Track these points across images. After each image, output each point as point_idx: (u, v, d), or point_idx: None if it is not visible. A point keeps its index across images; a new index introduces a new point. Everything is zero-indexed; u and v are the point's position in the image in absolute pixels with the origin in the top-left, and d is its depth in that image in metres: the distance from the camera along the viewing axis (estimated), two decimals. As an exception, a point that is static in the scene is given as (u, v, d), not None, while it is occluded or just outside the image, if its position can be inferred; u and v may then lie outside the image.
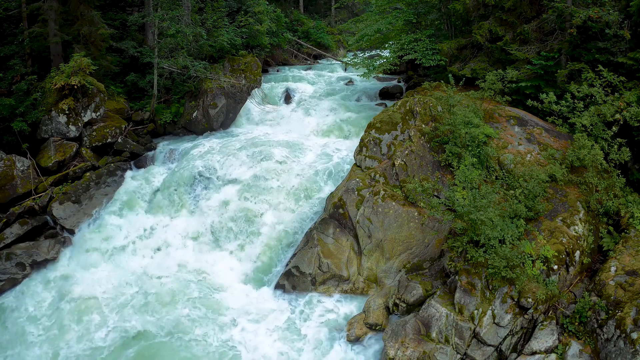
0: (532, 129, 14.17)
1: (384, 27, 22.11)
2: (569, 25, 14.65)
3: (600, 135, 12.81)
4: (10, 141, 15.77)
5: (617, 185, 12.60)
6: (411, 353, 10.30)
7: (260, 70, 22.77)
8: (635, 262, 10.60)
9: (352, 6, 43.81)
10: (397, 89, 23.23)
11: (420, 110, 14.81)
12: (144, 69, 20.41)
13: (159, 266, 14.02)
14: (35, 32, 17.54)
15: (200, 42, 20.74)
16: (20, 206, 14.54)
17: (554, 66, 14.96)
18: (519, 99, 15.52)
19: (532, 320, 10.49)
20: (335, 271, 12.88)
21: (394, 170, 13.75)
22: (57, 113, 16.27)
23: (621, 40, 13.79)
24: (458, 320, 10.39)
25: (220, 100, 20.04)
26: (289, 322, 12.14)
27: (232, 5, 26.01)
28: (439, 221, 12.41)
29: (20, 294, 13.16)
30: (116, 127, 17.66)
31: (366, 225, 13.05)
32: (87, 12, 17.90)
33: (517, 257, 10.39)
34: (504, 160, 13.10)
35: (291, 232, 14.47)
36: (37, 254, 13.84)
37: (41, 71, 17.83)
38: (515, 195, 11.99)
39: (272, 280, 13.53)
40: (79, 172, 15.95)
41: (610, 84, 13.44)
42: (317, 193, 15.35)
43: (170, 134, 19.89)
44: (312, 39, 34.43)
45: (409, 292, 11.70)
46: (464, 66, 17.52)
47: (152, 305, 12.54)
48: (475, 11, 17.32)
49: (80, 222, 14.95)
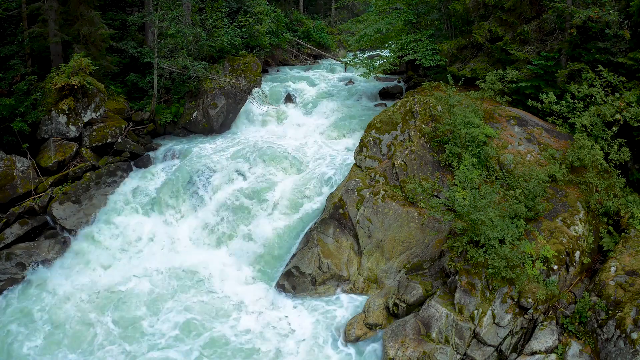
0: (532, 129, 14.17)
1: (384, 27, 22.12)
2: (569, 25, 14.65)
3: (600, 135, 12.81)
4: (10, 141, 15.77)
5: (617, 185, 12.60)
6: (411, 353, 10.30)
7: (260, 70, 22.76)
8: (635, 262, 10.60)
9: (352, 6, 43.81)
10: (397, 89, 23.23)
11: (420, 110, 14.81)
12: (144, 69, 20.41)
13: (158, 266, 14.00)
14: (35, 32, 17.54)
15: (200, 42, 20.74)
16: (20, 206, 14.54)
17: (554, 66, 14.96)
18: (519, 99, 15.52)
19: (532, 321, 10.49)
20: (335, 271, 12.88)
21: (394, 171, 13.75)
22: (57, 113, 16.27)
23: (621, 40, 13.79)
24: (458, 321, 10.39)
25: (220, 101, 20.04)
26: (288, 322, 12.14)
27: (232, 6, 26.00)
28: (439, 221, 12.41)
29: (20, 294, 13.17)
30: (116, 127, 17.66)
31: (366, 225, 13.05)
32: (87, 12, 17.90)
33: (517, 257, 10.39)
34: (504, 161, 13.10)
35: (291, 232, 14.46)
36: (37, 254, 13.84)
37: (41, 71, 17.82)
38: (515, 195, 11.99)
39: (272, 280, 13.53)
40: (79, 172, 15.95)
41: (610, 84, 13.44)
42: (316, 193, 15.35)
43: (170, 134, 19.88)
44: (312, 39, 34.43)
45: (409, 292, 11.69)
46: (464, 66, 17.52)
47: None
48: (475, 11, 17.32)
49: (81, 222, 14.94)
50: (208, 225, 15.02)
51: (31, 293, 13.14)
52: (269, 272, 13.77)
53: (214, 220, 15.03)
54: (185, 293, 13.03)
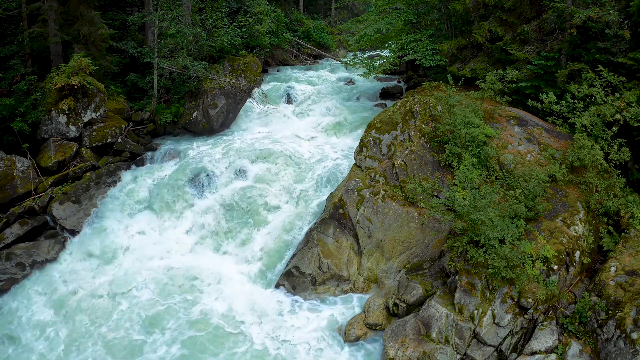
0: (532, 129, 14.17)
1: (384, 27, 22.13)
2: (569, 25, 14.65)
3: (600, 135, 12.81)
4: (10, 141, 15.76)
5: (617, 185, 12.60)
6: (411, 353, 10.30)
7: (260, 70, 22.77)
8: (635, 262, 10.60)
9: (352, 6, 43.79)
10: (397, 89, 23.24)
11: (420, 110, 14.80)
12: (144, 69, 20.40)
13: (157, 265, 14.00)
14: (35, 32, 17.54)
15: (200, 42, 20.73)
16: (20, 206, 14.54)
17: (554, 66, 14.96)
18: (519, 99, 15.52)
19: (532, 321, 10.49)
20: (335, 271, 12.88)
21: (394, 171, 13.75)
22: (57, 113, 16.27)
23: (621, 40, 13.79)
24: (458, 321, 10.39)
25: (220, 101, 20.03)
26: (288, 322, 12.13)
27: (232, 5, 25.99)
28: (439, 221, 12.41)
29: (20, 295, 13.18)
30: (116, 127, 17.66)
31: (366, 225, 13.04)
32: (87, 12, 17.90)
33: (517, 257, 10.39)
34: (504, 161, 13.10)
35: (291, 233, 14.47)
36: (37, 254, 13.84)
37: (41, 71, 17.82)
38: (515, 195, 11.99)
39: (272, 280, 13.53)
40: (79, 172, 15.95)
41: (610, 84, 13.44)
42: (316, 193, 15.35)
43: (170, 134, 19.88)
44: (312, 39, 34.43)
45: (409, 292, 11.69)
46: (464, 66, 17.52)
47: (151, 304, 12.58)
48: (475, 11, 17.32)
49: (81, 222, 14.94)
50: (207, 225, 15.01)
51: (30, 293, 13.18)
52: (268, 272, 13.77)
53: (214, 220, 15.02)
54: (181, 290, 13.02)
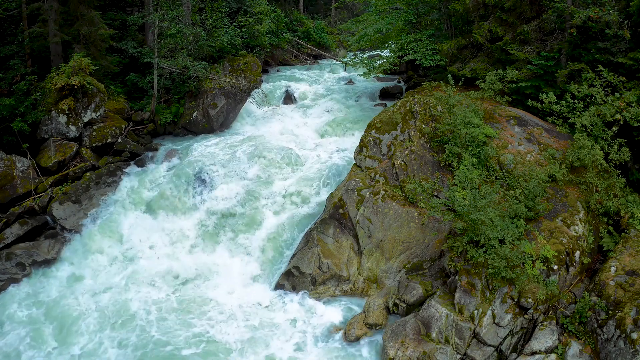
0: (532, 129, 14.18)
1: (384, 27, 22.13)
2: (569, 25, 14.65)
3: (600, 135, 12.81)
4: (10, 141, 15.76)
5: (617, 185, 12.61)
6: (411, 353, 10.30)
7: (260, 70, 22.75)
8: (635, 262, 10.61)
9: (352, 6, 43.74)
10: (397, 89, 23.24)
11: (420, 110, 14.80)
12: (144, 69, 20.40)
13: (156, 265, 14.01)
14: (35, 32, 17.53)
15: (200, 42, 20.72)
16: (20, 206, 14.53)
17: (554, 66, 14.96)
18: (519, 99, 15.52)
19: (532, 321, 10.50)
20: (335, 271, 12.88)
21: (394, 170, 13.75)
22: (57, 113, 16.26)
23: (621, 40, 13.79)
24: (458, 321, 10.39)
25: (220, 101, 20.03)
26: (288, 322, 12.13)
27: (232, 5, 25.98)
28: (439, 221, 12.41)
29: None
30: (116, 127, 17.65)
31: (366, 225, 13.04)
32: (87, 12, 17.89)
33: (517, 257, 10.40)
34: (504, 160, 13.10)
35: (290, 233, 14.46)
36: (37, 254, 13.83)
37: (41, 71, 17.81)
38: (515, 195, 11.99)
39: (272, 280, 13.53)
40: (79, 172, 15.94)
41: (610, 84, 13.44)
42: (316, 193, 15.35)
43: (170, 134, 19.88)
44: (312, 39, 34.42)
45: (409, 292, 11.70)
46: (464, 66, 17.51)
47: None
48: (475, 11, 17.31)
49: (80, 222, 14.94)
50: (207, 225, 15.01)
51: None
52: (268, 272, 13.77)
53: (214, 220, 15.02)
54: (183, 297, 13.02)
